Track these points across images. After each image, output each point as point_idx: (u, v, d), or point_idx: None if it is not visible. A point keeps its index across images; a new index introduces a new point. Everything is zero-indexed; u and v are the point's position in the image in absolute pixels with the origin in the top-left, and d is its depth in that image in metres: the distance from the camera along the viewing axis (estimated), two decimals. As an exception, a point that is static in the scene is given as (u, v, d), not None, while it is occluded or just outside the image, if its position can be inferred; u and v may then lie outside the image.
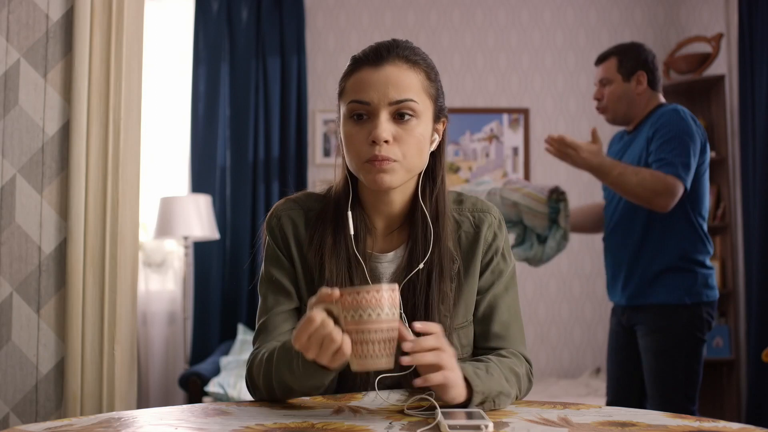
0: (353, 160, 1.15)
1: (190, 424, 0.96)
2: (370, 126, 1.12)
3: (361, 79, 1.13)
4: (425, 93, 1.15)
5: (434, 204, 1.20)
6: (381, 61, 1.12)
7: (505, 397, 1.08)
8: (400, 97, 1.11)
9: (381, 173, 1.12)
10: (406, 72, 1.12)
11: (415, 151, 1.13)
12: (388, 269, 1.22)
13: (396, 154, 1.12)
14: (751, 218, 3.85)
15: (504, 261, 1.24)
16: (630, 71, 2.46)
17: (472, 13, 4.45)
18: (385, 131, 1.10)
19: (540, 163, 4.39)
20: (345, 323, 0.97)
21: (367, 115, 1.13)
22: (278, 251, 1.23)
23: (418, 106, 1.13)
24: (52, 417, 1.61)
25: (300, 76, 4.27)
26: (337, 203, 1.22)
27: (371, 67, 1.12)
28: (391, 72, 1.12)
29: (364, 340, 0.95)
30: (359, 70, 1.14)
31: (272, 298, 1.22)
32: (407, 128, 1.12)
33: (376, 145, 1.11)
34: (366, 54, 1.15)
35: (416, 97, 1.12)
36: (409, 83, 1.12)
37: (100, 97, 1.63)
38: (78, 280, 1.60)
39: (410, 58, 1.14)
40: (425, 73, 1.15)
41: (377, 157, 1.10)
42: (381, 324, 0.96)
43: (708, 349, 4.01)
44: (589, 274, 4.35)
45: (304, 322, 0.97)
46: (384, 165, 1.11)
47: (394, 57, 1.13)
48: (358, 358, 0.97)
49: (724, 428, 0.91)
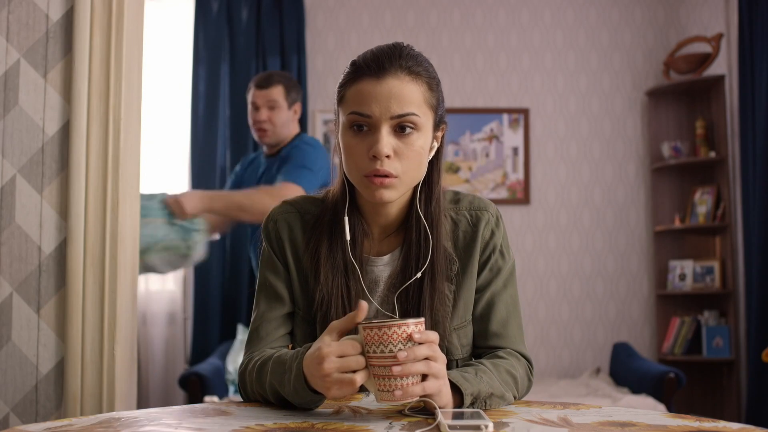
0: (352, 172, 1.14)
1: (190, 424, 0.96)
2: (370, 139, 1.11)
3: (362, 90, 1.11)
4: (426, 104, 1.13)
5: (430, 209, 1.19)
6: (383, 73, 1.10)
7: (497, 399, 1.07)
8: (401, 111, 1.10)
9: (381, 189, 1.11)
10: (408, 85, 1.11)
11: (415, 164, 1.13)
12: (384, 272, 1.21)
13: (396, 169, 1.11)
14: (751, 218, 3.85)
15: (502, 258, 1.24)
16: (294, 100, 2.72)
17: (472, 13, 4.45)
18: (386, 146, 1.09)
19: (540, 163, 4.39)
20: (368, 357, 0.95)
21: (368, 127, 1.11)
22: (273, 255, 1.23)
23: (420, 119, 1.11)
24: (52, 417, 1.61)
25: (300, 76, 4.26)
26: (334, 208, 1.21)
27: (373, 78, 1.10)
28: (393, 85, 1.10)
29: (390, 375, 0.94)
30: (360, 80, 1.12)
31: (265, 303, 1.23)
32: (408, 142, 1.11)
33: (376, 160, 1.10)
34: (367, 62, 1.12)
35: (417, 111, 1.11)
36: (411, 96, 1.11)
37: (100, 97, 1.63)
38: (78, 280, 1.60)
39: (412, 69, 1.12)
40: (427, 84, 1.14)
41: (378, 172, 1.10)
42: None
43: (708, 349, 4.01)
44: (589, 274, 4.35)
45: (319, 361, 0.96)
46: (384, 181, 1.10)
47: (397, 68, 1.11)
48: (383, 392, 0.95)
49: (724, 428, 0.91)
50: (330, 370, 0.95)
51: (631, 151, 4.41)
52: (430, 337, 0.97)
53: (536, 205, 4.38)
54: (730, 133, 4.15)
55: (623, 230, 4.37)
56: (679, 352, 4.08)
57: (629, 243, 4.37)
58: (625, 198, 4.39)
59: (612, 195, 4.39)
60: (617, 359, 3.97)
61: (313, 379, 0.98)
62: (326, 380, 0.96)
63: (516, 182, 4.36)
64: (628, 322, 4.33)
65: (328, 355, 0.96)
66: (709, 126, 4.23)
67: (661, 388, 3.32)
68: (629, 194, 4.39)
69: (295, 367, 1.03)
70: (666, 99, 4.35)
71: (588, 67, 4.44)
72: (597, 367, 4.11)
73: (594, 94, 4.43)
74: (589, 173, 4.41)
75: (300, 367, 1.02)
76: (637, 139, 4.41)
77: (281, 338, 1.22)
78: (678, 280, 4.17)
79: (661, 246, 4.30)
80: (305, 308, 1.21)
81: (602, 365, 4.22)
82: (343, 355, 0.96)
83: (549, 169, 4.39)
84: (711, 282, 4.09)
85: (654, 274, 4.32)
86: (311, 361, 0.98)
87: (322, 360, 0.96)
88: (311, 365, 0.98)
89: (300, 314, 1.22)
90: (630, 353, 3.91)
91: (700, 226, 4.11)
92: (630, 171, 4.40)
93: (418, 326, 0.96)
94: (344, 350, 0.96)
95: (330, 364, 0.95)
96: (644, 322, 4.33)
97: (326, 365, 0.95)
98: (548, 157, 4.41)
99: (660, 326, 4.25)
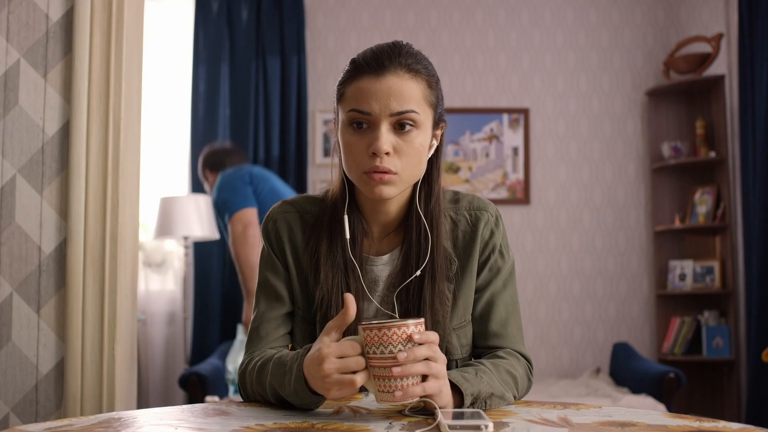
0: (352, 170, 1.14)
1: (190, 424, 0.96)
2: (370, 137, 1.11)
3: (361, 87, 1.11)
4: (426, 102, 1.13)
5: (430, 208, 1.19)
6: (382, 70, 1.10)
7: (497, 399, 1.07)
8: (401, 109, 1.10)
9: (380, 185, 1.11)
10: (407, 82, 1.11)
11: (414, 162, 1.13)
12: (384, 272, 1.21)
13: (396, 166, 1.11)
14: (751, 218, 3.85)
15: (501, 258, 1.24)
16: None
17: (472, 13, 4.45)
18: (386, 143, 1.09)
19: (540, 163, 4.39)
20: (368, 358, 0.95)
21: (368, 125, 1.12)
22: (273, 255, 1.24)
23: (419, 117, 1.12)
24: (52, 417, 1.61)
25: (300, 76, 4.26)
26: (334, 207, 1.21)
27: (372, 75, 1.11)
28: (392, 82, 1.10)
29: (390, 376, 0.94)
30: (360, 77, 1.12)
31: (265, 303, 1.23)
32: (407, 139, 1.11)
33: (376, 157, 1.10)
34: (367, 60, 1.12)
35: (417, 108, 1.11)
36: (410, 94, 1.11)
37: (100, 97, 1.63)
38: (78, 280, 1.60)
39: (412, 67, 1.12)
40: (426, 82, 1.14)
41: (377, 169, 1.10)
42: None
43: (708, 349, 4.01)
44: (589, 274, 4.35)
45: (319, 362, 0.96)
46: (384, 177, 1.10)
47: (396, 66, 1.11)
48: (383, 392, 0.95)
49: (724, 428, 0.91)
50: (330, 371, 0.95)
51: (631, 151, 4.41)
52: (430, 338, 0.97)
53: (536, 205, 4.37)
54: (730, 133, 4.15)
55: (623, 230, 4.37)
56: (679, 352, 4.08)
57: (629, 243, 4.37)
58: (625, 198, 4.39)
59: (612, 195, 4.39)
60: (617, 359, 3.97)
61: (313, 380, 0.98)
62: (326, 381, 0.96)
63: (516, 182, 4.36)
64: (628, 322, 4.33)
65: (327, 356, 0.96)
66: (709, 126, 4.23)
67: (661, 388, 3.32)
68: (629, 194, 4.39)
69: (296, 369, 1.03)
70: (666, 99, 4.35)
71: (588, 67, 4.44)
72: (597, 367, 4.11)
73: (594, 94, 4.43)
74: (589, 173, 4.41)
75: (300, 369, 1.01)
76: (637, 139, 4.41)
77: (281, 338, 1.22)
78: (678, 280, 4.17)
79: (661, 246, 4.30)
80: (305, 308, 1.21)
81: (602, 365, 4.22)
82: (343, 355, 0.96)
83: (549, 169, 4.39)
84: (711, 282, 4.09)
85: (654, 274, 4.32)
86: (311, 362, 0.98)
87: (321, 361, 0.96)
88: (311, 366, 0.98)
89: (300, 314, 1.22)
90: (630, 353, 3.91)
91: (700, 226, 4.11)
92: (630, 171, 4.40)
93: (418, 327, 0.96)
94: (344, 351, 0.96)
95: (330, 365, 0.95)
96: (644, 322, 4.33)
97: (326, 366, 0.95)
98: (548, 157, 4.41)
99: (660, 326, 4.25)
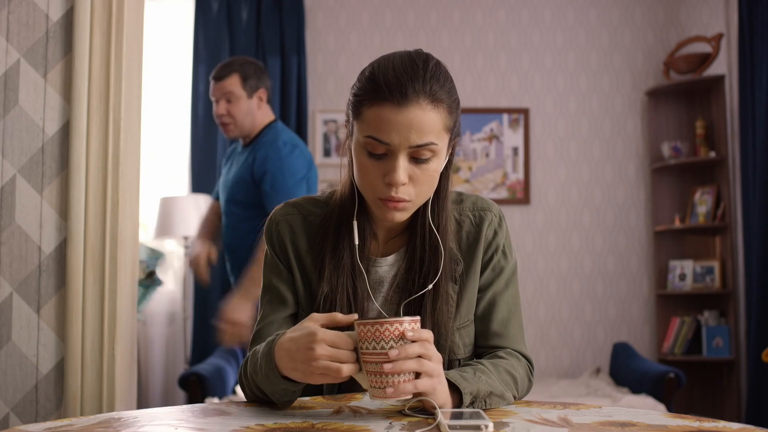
0: (366, 190, 1.13)
1: (190, 424, 0.96)
2: (387, 165, 1.09)
3: (382, 116, 1.08)
4: (445, 129, 1.11)
5: (437, 214, 1.19)
6: (405, 101, 1.06)
7: (497, 398, 1.07)
8: (421, 142, 1.08)
9: (394, 212, 1.11)
10: (429, 114, 1.08)
11: (428, 188, 1.13)
12: (388, 273, 1.22)
13: (410, 194, 1.11)
14: (751, 218, 3.85)
15: (504, 258, 1.24)
16: (255, 87, 2.61)
17: (472, 13, 4.45)
18: (403, 175, 1.09)
19: (540, 163, 4.39)
20: (363, 353, 0.96)
21: (385, 153, 1.10)
22: (276, 258, 1.24)
23: (438, 147, 1.10)
24: (52, 417, 1.61)
25: (300, 76, 4.26)
26: (342, 209, 1.21)
27: (394, 105, 1.07)
28: (414, 114, 1.07)
29: (382, 372, 0.94)
30: (380, 104, 1.08)
31: (268, 306, 1.23)
32: (424, 168, 1.10)
33: (392, 187, 1.09)
34: (390, 85, 1.07)
35: (436, 139, 1.09)
36: (431, 126, 1.08)
37: (100, 97, 1.63)
38: (78, 280, 1.60)
39: (435, 96, 1.08)
40: (447, 109, 1.11)
41: (393, 199, 1.10)
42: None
43: (708, 349, 4.01)
44: (589, 274, 4.35)
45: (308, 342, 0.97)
46: (398, 205, 1.11)
47: (420, 95, 1.07)
48: (375, 388, 0.96)
49: (724, 428, 0.91)
50: (320, 356, 0.95)
51: (631, 151, 4.41)
52: (423, 336, 0.97)
53: (536, 205, 4.38)
54: (730, 133, 4.15)
55: (623, 230, 4.37)
56: (679, 352, 4.08)
57: (629, 243, 4.37)
58: (625, 198, 4.39)
59: (612, 195, 4.39)
60: (617, 359, 3.97)
61: (294, 362, 0.98)
62: (312, 364, 0.96)
63: (516, 182, 4.36)
64: (628, 322, 4.33)
65: (321, 341, 0.96)
66: (709, 126, 4.23)
67: (661, 388, 3.33)
68: (629, 194, 4.39)
69: (267, 350, 1.04)
70: (666, 99, 4.35)
71: (588, 67, 4.44)
72: (597, 367, 4.11)
73: (594, 94, 4.43)
74: (589, 173, 4.41)
75: (271, 352, 1.02)
76: (637, 139, 4.41)
77: None
78: (678, 280, 4.17)
79: (661, 246, 4.30)
80: (309, 309, 1.21)
81: (602, 365, 4.22)
82: (335, 345, 0.96)
83: (549, 169, 4.39)
84: (711, 282, 4.09)
85: (654, 274, 4.32)
86: (299, 344, 0.98)
87: (313, 343, 0.96)
88: (299, 349, 0.98)
89: (304, 315, 1.22)
90: (630, 353, 3.91)
91: (700, 226, 4.11)
92: (630, 171, 4.40)
93: (413, 324, 0.96)
94: (336, 341, 0.96)
95: (323, 350, 0.95)
96: (644, 322, 4.33)
97: (318, 350, 0.95)
98: (548, 157, 4.41)
99: (660, 326, 4.25)
